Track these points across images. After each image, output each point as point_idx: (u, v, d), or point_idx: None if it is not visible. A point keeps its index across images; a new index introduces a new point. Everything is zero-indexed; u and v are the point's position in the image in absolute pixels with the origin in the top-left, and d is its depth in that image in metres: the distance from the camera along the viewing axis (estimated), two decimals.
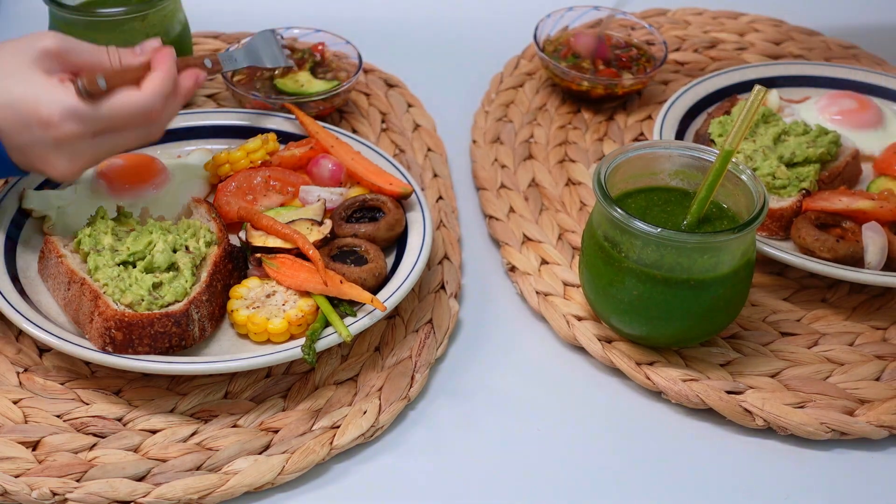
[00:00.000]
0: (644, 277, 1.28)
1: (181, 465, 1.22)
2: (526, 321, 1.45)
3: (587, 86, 1.74)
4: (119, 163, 1.51)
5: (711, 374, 1.34)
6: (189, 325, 1.28)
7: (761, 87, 1.29)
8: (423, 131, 1.72)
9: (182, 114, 1.59)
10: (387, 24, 2.01)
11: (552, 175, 1.64)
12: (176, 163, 1.55)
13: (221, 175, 1.51)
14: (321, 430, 1.26)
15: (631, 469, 1.27)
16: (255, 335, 1.32)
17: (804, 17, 2.04)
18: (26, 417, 1.27)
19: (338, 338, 1.28)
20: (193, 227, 1.37)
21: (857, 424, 1.29)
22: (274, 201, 1.48)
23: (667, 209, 1.35)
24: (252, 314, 1.31)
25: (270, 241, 1.38)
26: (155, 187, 1.50)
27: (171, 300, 1.29)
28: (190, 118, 1.61)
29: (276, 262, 1.35)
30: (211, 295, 1.32)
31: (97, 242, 1.34)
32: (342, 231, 1.42)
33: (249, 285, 1.35)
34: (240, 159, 1.51)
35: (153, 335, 1.26)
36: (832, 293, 1.47)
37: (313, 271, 1.34)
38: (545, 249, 1.51)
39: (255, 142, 1.53)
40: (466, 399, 1.34)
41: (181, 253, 1.33)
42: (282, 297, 1.33)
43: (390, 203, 1.45)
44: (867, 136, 1.62)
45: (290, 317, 1.31)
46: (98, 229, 1.35)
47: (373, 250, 1.39)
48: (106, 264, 1.31)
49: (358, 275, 1.35)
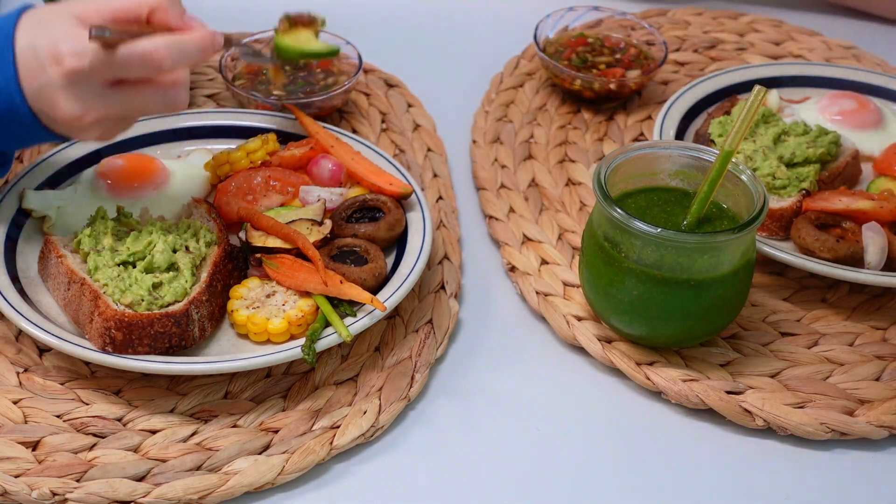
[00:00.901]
0: (644, 277, 1.28)
1: (181, 466, 1.22)
2: (526, 321, 1.45)
3: (579, 84, 1.74)
4: (119, 163, 1.51)
5: (711, 375, 1.34)
6: (189, 325, 1.28)
7: (761, 87, 1.29)
8: (423, 131, 1.72)
9: (182, 114, 1.59)
10: (387, 24, 2.01)
11: (552, 175, 1.64)
12: (176, 163, 1.55)
13: (221, 175, 1.51)
14: (321, 430, 1.26)
15: (631, 469, 1.27)
16: (255, 335, 1.32)
17: (804, 17, 2.04)
18: (26, 417, 1.27)
19: (338, 338, 1.29)
20: (194, 228, 1.37)
21: (857, 425, 1.29)
22: (274, 201, 1.48)
23: (667, 209, 1.35)
24: (252, 314, 1.31)
25: (270, 242, 1.38)
26: (155, 187, 1.50)
27: (170, 300, 1.29)
28: (190, 118, 1.60)
29: (275, 262, 1.35)
30: (211, 295, 1.32)
31: (97, 242, 1.34)
32: (342, 231, 1.42)
33: (249, 285, 1.35)
34: (240, 159, 1.51)
35: (153, 335, 1.26)
36: (832, 293, 1.47)
37: (313, 271, 1.34)
38: (545, 249, 1.51)
39: (255, 142, 1.53)
40: (466, 399, 1.34)
41: (181, 253, 1.33)
42: (282, 297, 1.33)
43: (390, 203, 1.45)
44: (867, 137, 1.62)
45: (289, 317, 1.31)
46: (98, 229, 1.35)
47: (373, 250, 1.39)
48: (106, 264, 1.31)
49: (358, 275, 1.34)
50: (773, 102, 1.65)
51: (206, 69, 1.82)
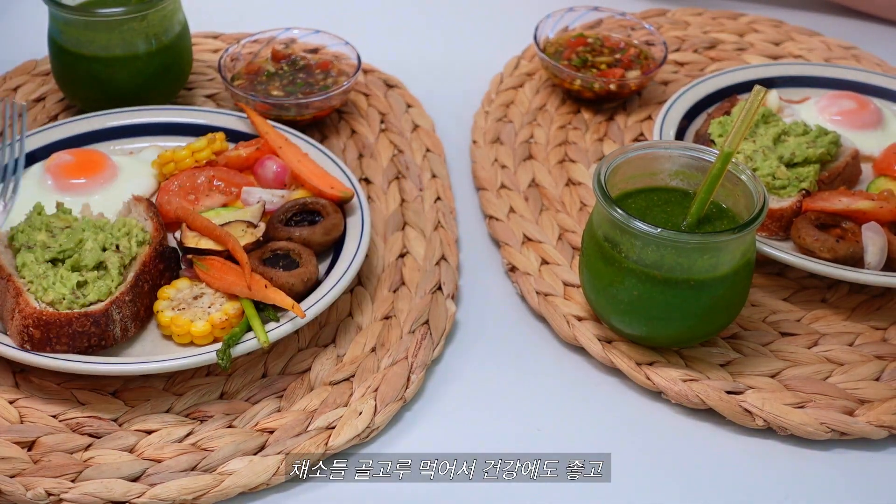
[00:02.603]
0: (644, 277, 1.28)
1: (176, 466, 1.21)
2: (526, 321, 1.44)
3: (579, 84, 1.73)
4: (67, 158, 1.51)
5: (711, 375, 1.33)
6: (109, 325, 1.27)
7: (761, 87, 1.28)
8: (421, 132, 1.72)
9: (136, 110, 1.60)
10: (386, 24, 2.01)
11: (552, 175, 1.64)
12: (126, 159, 1.55)
13: (167, 174, 1.50)
14: (316, 431, 1.25)
15: (631, 469, 1.26)
16: (179, 337, 1.30)
17: (804, 17, 2.04)
18: (22, 417, 1.26)
19: (256, 343, 1.27)
20: (128, 226, 1.35)
21: (857, 424, 1.28)
22: (217, 201, 1.47)
23: (667, 209, 1.35)
24: (176, 316, 1.30)
25: (203, 243, 1.37)
26: (101, 184, 1.49)
27: (94, 299, 1.27)
28: (143, 115, 1.60)
29: (206, 263, 1.34)
30: (136, 295, 1.31)
31: (29, 238, 1.33)
32: (278, 234, 1.40)
33: (178, 286, 1.34)
34: (184, 158, 1.50)
35: (71, 334, 1.25)
36: (832, 293, 1.47)
37: (241, 274, 1.32)
38: (545, 249, 1.50)
39: (201, 141, 1.52)
40: (464, 400, 1.33)
41: (111, 252, 1.32)
42: (209, 299, 1.32)
43: (330, 207, 1.43)
44: (867, 137, 1.61)
45: (213, 319, 1.30)
46: (33, 225, 1.34)
47: (305, 254, 1.37)
48: (34, 261, 1.30)
49: (286, 279, 1.33)
50: (773, 103, 1.65)
51: (206, 69, 1.82)
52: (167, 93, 1.69)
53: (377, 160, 1.65)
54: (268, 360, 1.34)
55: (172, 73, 1.68)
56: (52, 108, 1.72)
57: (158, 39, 1.62)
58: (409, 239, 1.51)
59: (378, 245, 1.50)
